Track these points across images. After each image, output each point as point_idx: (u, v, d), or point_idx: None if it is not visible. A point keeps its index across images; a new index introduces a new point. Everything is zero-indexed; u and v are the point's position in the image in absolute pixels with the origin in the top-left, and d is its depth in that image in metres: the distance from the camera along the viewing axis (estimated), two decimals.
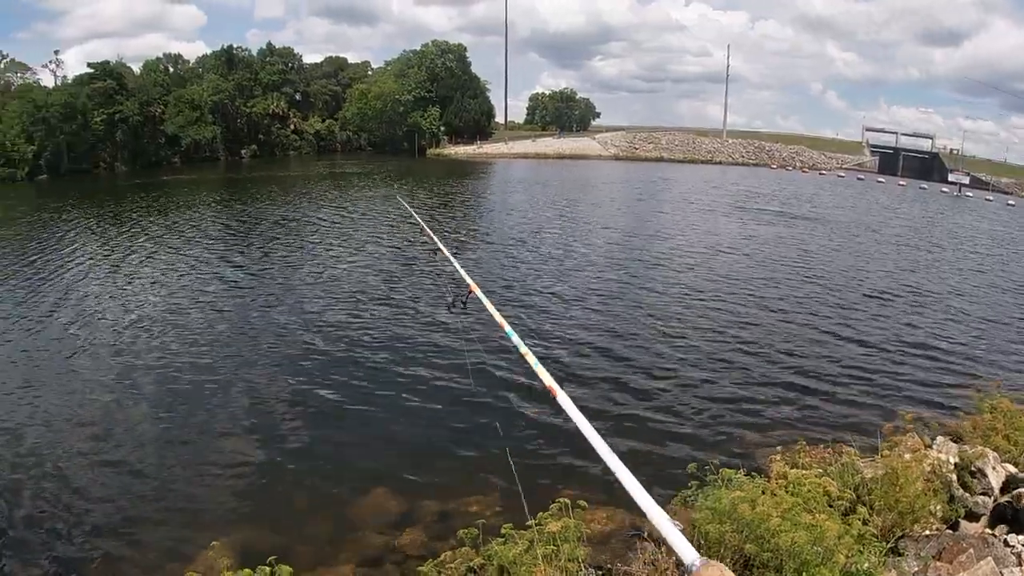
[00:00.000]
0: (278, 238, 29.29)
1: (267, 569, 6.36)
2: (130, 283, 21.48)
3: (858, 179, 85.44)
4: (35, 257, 25.25)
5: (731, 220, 36.81)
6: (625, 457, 8.39)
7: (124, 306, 18.91)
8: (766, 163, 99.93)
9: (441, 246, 6.74)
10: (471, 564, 6.45)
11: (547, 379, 2.77)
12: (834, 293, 21.13)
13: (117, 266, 23.64)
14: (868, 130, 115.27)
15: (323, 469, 10.45)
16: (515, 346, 3.39)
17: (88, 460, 10.76)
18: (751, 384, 13.54)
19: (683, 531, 1.64)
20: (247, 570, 6.27)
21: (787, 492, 6.12)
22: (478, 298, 4.75)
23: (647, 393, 12.95)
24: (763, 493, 6.07)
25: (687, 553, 1.52)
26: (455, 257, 6.34)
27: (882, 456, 7.65)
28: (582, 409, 2.84)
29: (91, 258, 24.88)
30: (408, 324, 17.01)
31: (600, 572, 6.58)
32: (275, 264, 24.11)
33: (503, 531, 6.33)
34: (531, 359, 3.08)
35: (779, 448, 9.31)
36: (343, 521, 9.02)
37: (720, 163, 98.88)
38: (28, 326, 17.33)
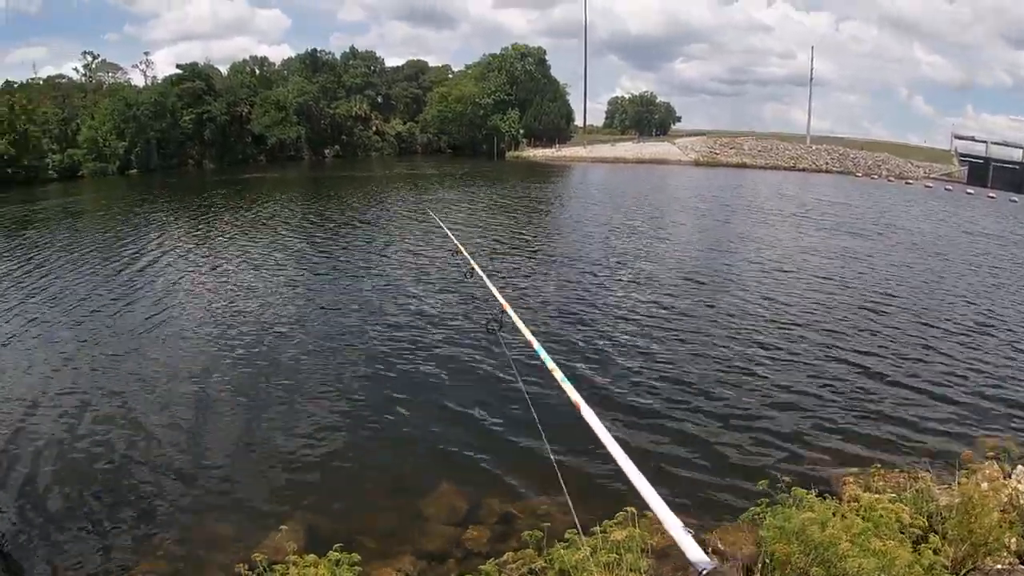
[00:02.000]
0: (356, 237, 29.89)
1: (335, 555, 6.53)
2: (207, 273, 22.45)
3: (946, 190, 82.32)
4: (121, 246, 26.45)
5: (813, 236, 35.88)
6: (691, 469, 9.61)
7: (201, 297, 19.72)
8: (851, 171, 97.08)
9: (475, 265, 6.91)
10: (532, 566, 6.50)
11: (573, 394, 2.85)
12: (921, 315, 20.32)
13: (196, 256, 24.62)
14: (957, 138, 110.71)
15: (393, 462, 10.66)
16: (543, 361, 3.52)
17: (160, 442, 11.21)
18: (827, 403, 13.20)
19: (694, 536, 1.70)
20: (312, 555, 6.56)
21: (858, 516, 6.03)
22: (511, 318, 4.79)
23: (721, 407, 12.79)
24: (834, 515, 5.97)
25: (698, 557, 1.61)
26: (488, 275, 6.50)
27: (959, 484, 7.41)
28: (649, 422, 2.77)
29: (172, 248, 25.98)
30: (472, 332, 16.95)
31: None
32: (349, 265, 24.54)
33: (567, 536, 6.35)
34: (558, 374, 3.22)
35: (853, 470, 9.35)
36: (409, 514, 9.13)
37: (804, 170, 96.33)
38: (111, 310, 18.35)
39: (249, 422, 11.88)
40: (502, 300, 4.58)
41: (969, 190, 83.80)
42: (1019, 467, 9.09)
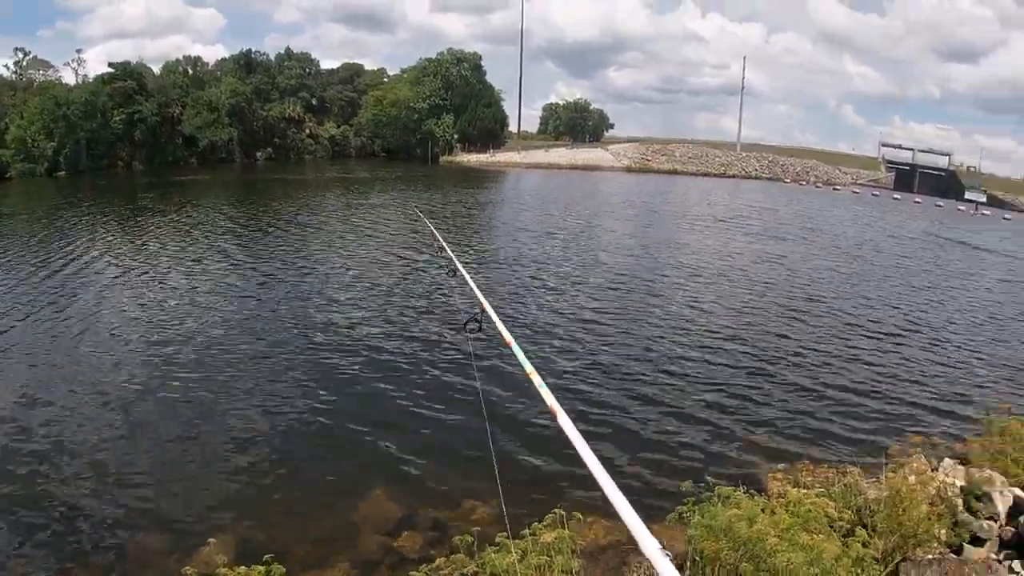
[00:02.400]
0: (288, 241, 29.49)
1: (262, 568, 6.47)
2: (138, 281, 21.68)
3: (873, 195, 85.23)
4: (46, 251, 25.44)
5: (740, 240, 36.79)
6: (621, 472, 9.25)
7: (131, 303, 19.16)
8: (779, 177, 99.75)
9: (459, 265, 6.74)
10: (464, 571, 6.44)
11: (549, 399, 2.84)
12: (846, 314, 21.14)
13: (126, 263, 23.50)
14: (884, 146, 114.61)
15: (324, 470, 10.50)
16: (520, 365, 3.41)
17: (85, 455, 10.82)
18: (754, 402, 13.48)
19: (673, 560, 1.69)
20: (242, 567, 6.48)
21: (786, 511, 6.06)
22: (491, 318, 4.61)
23: (647, 408, 12.90)
24: (762, 511, 6.03)
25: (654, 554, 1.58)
26: (467, 273, 6.25)
27: (886, 478, 7.53)
28: (582, 425, 3.01)
29: (101, 254, 24.84)
30: (416, 333, 17.06)
31: None
32: (283, 268, 24.19)
33: (497, 540, 6.30)
34: (536, 379, 3.10)
35: (781, 467, 9.45)
36: (341, 522, 9.04)
37: (734, 176, 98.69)
38: (35, 319, 17.59)
39: (177, 433, 11.52)
40: (482, 298, 4.48)
41: (896, 195, 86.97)
42: (946, 460, 9.43)
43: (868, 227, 46.45)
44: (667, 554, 1.69)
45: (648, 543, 1.73)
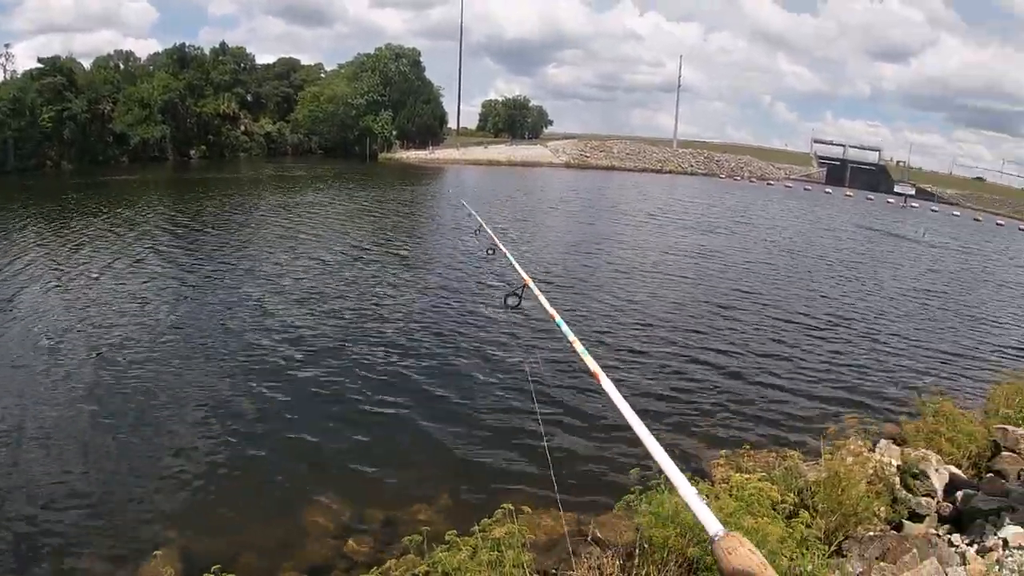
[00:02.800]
0: (223, 241, 28.80)
1: None
2: (70, 285, 20.84)
3: (805, 189, 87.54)
4: None
5: (675, 235, 37.28)
6: (564, 466, 9.24)
7: (61, 309, 18.47)
8: (715, 173, 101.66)
9: (499, 243, 6.80)
10: (415, 571, 6.35)
11: (592, 364, 3.07)
12: (780, 304, 21.69)
13: (57, 267, 22.83)
14: (816, 142, 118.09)
15: (269, 476, 10.27)
16: (564, 334, 3.72)
17: (23, 468, 10.40)
18: (693, 391, 13.77)
19: (708, 504, 1.75)
20: None
21: (730, 496, 6.14)
22: (532, 292, 4.76)
23: (589, 399, 12.83)
24: (706, 497, 5.90)
25: (711, 525, 1.63)
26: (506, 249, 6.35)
27: (825, 460, 7.75)
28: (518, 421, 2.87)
29: (32, 259, 24.53)
30: (353, 330, 16.99)
31: None
32: (218, 269, 23.60)
33: (447, 538, 6.28)
34: (578, 346, 3.45)
35: (723, 453, 9.47)
36: (289, 528, 8.88)
37: (670, 172, 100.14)
38: None
39: (113, 444, 11.11)
40: (523, 273, 4.65)
41: (828, 190, 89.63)
42: (882, 441, 9.78)
43: (800, 220, 47.69)
44: (704, 499, 1.77)
45: (686, 489, 1.89)
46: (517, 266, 4.85)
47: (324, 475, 10.24)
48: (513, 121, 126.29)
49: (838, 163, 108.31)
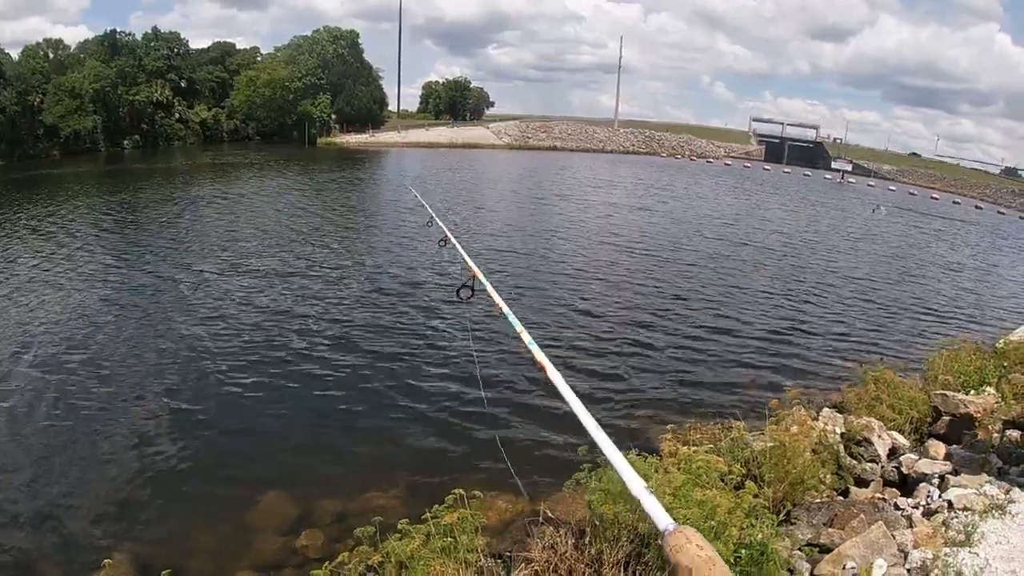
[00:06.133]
0: (157, 236, 28.17)
1: None
2: (11, 285, 20.40)
3: (745, 167, 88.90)
4: None
5: (618, 214, 37.55)
6: (511, 447, 9.14)
7: (4, 311, 17.86)
8: (656, 151, 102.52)
9: (450, 235, 6.79)
10: (369, 563, 6.34)
11: (539, 355, 3.09)
12: (721, 275, 22.10)
13: None
14: (755, 120, 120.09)
15: (213, 476, 10.11)
16: (512, 324, 3.60)
17: None
18: (637, 367, 13.91)
19: (655, 496, 1.78)
20: None
21: (679, 470, 6.14)
22: (482, 283, 4.73)
23: (538, 386, 12.76)
24: (655, 472, 6.08)
25: (661, 519, 1.63)
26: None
27: (770, 430, 7.76)
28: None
29: None
30: (297, 324, 16.84)
31: (500, 560, 6.51)
32: (151, 265, 23.04)
33: (400, 526, 6.26)
34: (525, 336, 3.36)
35: (670, 427, 9.29)
36: (237, 528, 8.77)
37: (612, 151, 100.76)
38: None
39: (60, 449, 10.83)
40: (474, 267, 4.63)
41: (766, 166, 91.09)
42: (825, 410, 9.85)
43: (738, 197, 48.12)
44: (650, 491, 1.78)
45: (635, 483, 1.81)
46: (467, 258, 4.88)
47: (271, 472, 10.08)
48: (454, 103, 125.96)
49: (777, 141, 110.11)
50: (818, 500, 7.06)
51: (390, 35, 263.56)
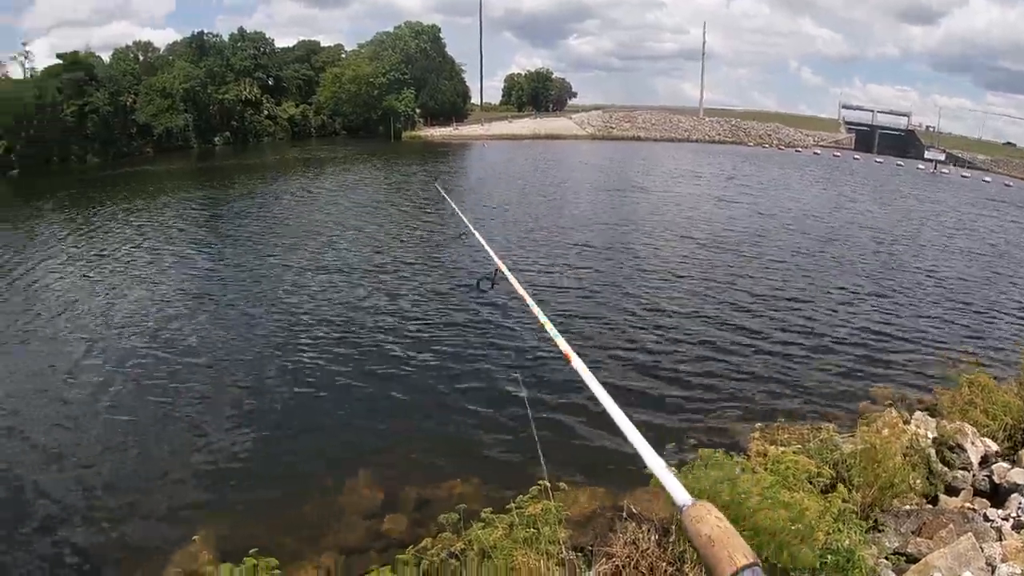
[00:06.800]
0: (253, 228, 28.93)
1: (251, 561, 6.37)
2: (106, 277, 21.01)
3: (834, 156, 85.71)
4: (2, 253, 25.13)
5: (708, 205, 36.66)
6: (607, 438, 9.44)
7: (99, 301, 18.68)
8: (742, 141, 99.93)
9: (472, 228, 6.79)
10: (452, 549, 6.47)
11: (563, 345, 3.01)
12: (808, 271, 21.26)
13: (90, 261, 23.38)
14: (844, 107, 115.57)
15: (305, 458, 10.48)
16: (536, 315, 3.67)
17: (63, 457, 10.75)
18: (723, 365, 13.56)
19: (677, 475, 1.73)
20: (227, 564, 6.35)
21: (767, 470, 6.12)
22: (505, 277, 4.73)
23: (624, 373, 12.94)
24: (742, 471, 6.07)
25: (679, 495, 1.62)
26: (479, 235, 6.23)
27: (860, 432, 7.67)
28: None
29: (63, 254, 24.61)
30: (385, 309, 17.04)
31: (581, 554, 6.56)
32: (250, 254, 23.84)
33: (483, 515, 6.35)
34: (549, 327, 3.39)
35: (758, 426, 9.47)
36: (324, 510, 9.03)
37: (697, 141, 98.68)
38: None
39: (156, 430, 11.45)
40: (497, 259, 4.59)
41: (856, 156, 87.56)
42: (917, 413, 9.57)
43: (826, 189, 46.23)
44: (672, 470, 1.73)
45: (654, 462, 1.81)
46: (490, 251, 4.82)
47: (356, 458, 10.27)
48: (537, 94, 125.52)
49: (867, 129, 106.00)
50: (907, 507, 6.87)
51: (470, 29, 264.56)
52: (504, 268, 4.65)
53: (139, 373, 13.66)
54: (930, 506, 7.09)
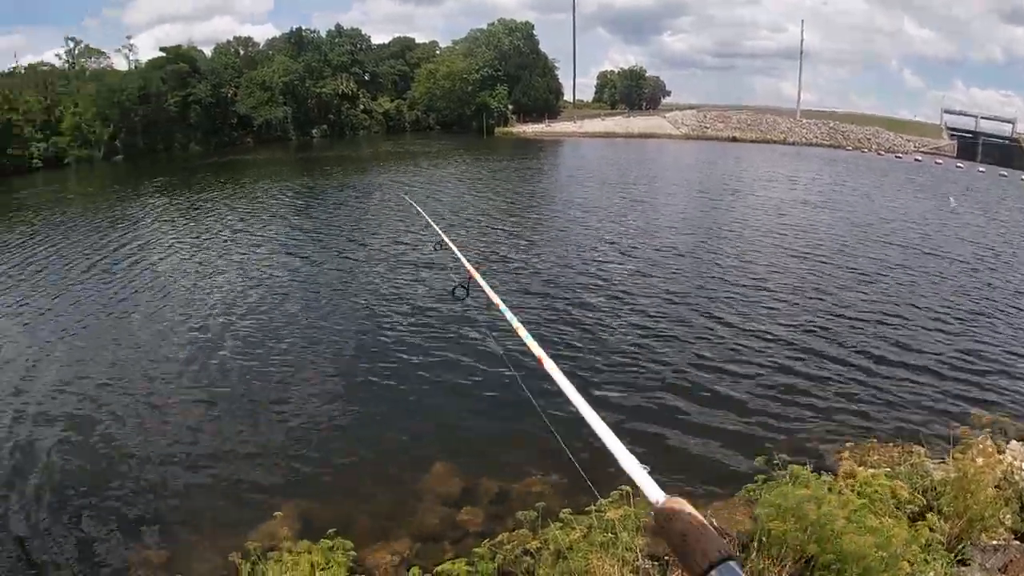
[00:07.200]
0: (347, 217, 29.59)
1: (328, 542, 6.59)
2: (197, 260, 22.07)
3: (936, 163, 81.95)
4: (109, 233, 25.99)
5: (797, 211, 35.39)
6: (683, 452, 9.62)
7: (191, 282, 19.51)
8: (840, 144, 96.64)
9: (444, 237, 6.66)
10: (528, 547, 6.45)
11: (536, 349, 2.87)
12: (905, 285, 20.29)
13: (186, 243, 24.26)
14: (947, 112, 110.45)
15: (387, 443, 10.59)
16: (508, 320, 3.48)
17: (153, 427, 11.13)
18: (819, 377, 13.12)
19: (650, 473, 1.75)
20: (306, 541, 6.65)
21: (854, 492, 6.01)
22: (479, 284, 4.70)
23: (714, 382, 12.67)
24: (829, 491, 5.92)
25: (653, 492, 1.62)
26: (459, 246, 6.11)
27: (953, 459, 7.40)
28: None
29: (161, 235, 25.60)
30: (463, 310, 16.64)
31: (657, 563, 6.42)
32: (344, 241, 24.36)
33: (562, 516, 6.42)
34: (522, 332, 3.22)
35: (848, 445, 9.30)
36: (402, 496, 9.12)
37: (793, 143, 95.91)
38: (101, 297, 18.28)
39: (242, 408, 11.80)
40: (469, 266, 4.62)
41: (959, 164, 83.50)
42: (1013, 443, 9.16)
43: (927, 198, 43.93)
44: (645, 467, 1.76)
45: (627, 461, 1.79)
46: (463, 259, 4.91)
47: (439, 447, 10.44)
48: (629, 92, 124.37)
49: (970, 136, 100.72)
50: (995, 542, 6.54)
51: (563, 25, 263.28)
52: (477, 275, 4.67)
53: (231, 351, 14.25)
54: (1017, 543, 6.75)
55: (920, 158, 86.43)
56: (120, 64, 78.84)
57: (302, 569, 6.18)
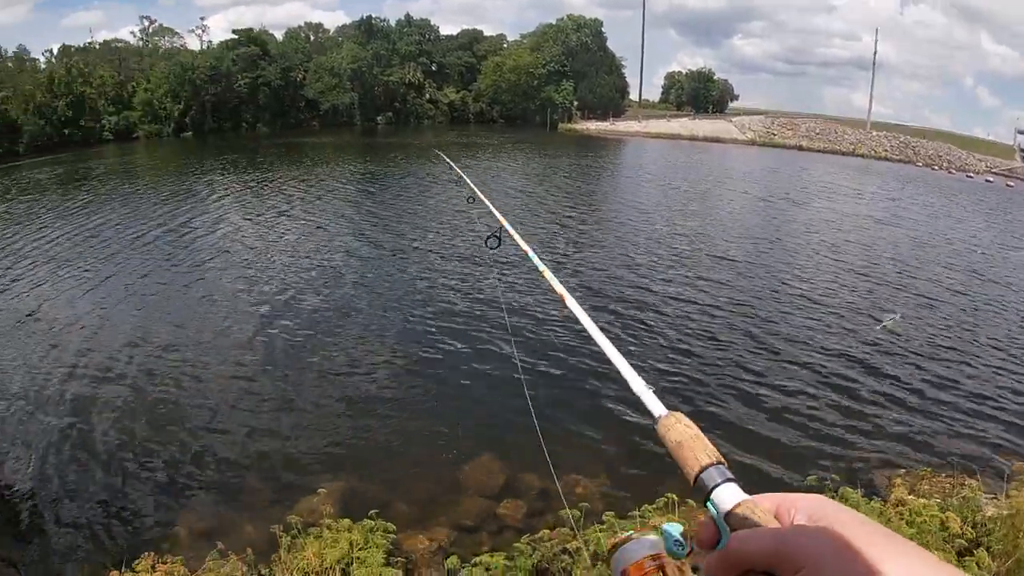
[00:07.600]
0: (407, 203, 29.74)
1: (370, 522, 6.69)
2: (263, 235, 22.39)
3: (1008, 185, 79.54)
4: (176, 206, 26.50)
5: (860, 229, 34.45)
6: (740, 461, 9.36)
7: (255, 257, 20.05)
8: (911, 160, 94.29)
9: (476, 191, 6.40)
10: (567, 546, 6.43)
11: (559, 288, 2.71)
12: (968, 313, 19.62)
13: (250, 220, 24.75)
14: (1020, 132, 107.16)
15: (434, 430, 10.69)
16: (535, 265, 3.34)
17: (204, 401, 11.45)
18: (876, 400, 12.83)
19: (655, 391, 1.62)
20: (347, 520, 6.74)
21: (903, 521, 5.92)
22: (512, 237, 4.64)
23: (770, 398, 12.49)
24: (879, 516, 5.89)
25: (655, 407, 1.53)
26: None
27: (1007, 496, 7.20)
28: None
29: (225, 211, 26.10)
30: (529, 303, 16.73)
31: (696, 574, 6.17)
32: (404, 226, 24.49)
33: (605, 518, 6.42)
34: (548, 274, 3.06)
35: (900, 471, 9.13)
36: (445, 484, 9.22)
37: (862, 156, 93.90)
38: (165, 269, 18.90)
39: (292, 386, 12.03)
40: (500, 216, 4.56)
41: None
42: None
43: (997, 221, 42.32)
44: (651, 387, 1.67)
45: (633, 380, 1.70)
46: (494, 210, 4.82)
47: (486, 436, 10.57)
48: (697, 94, 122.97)
49: None
50: None
51: (632, 23, 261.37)
52: (506, 224, 4.60)
53: (284, 329, 14.61)
54: None
55: (991, 179, 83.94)
56: (193, 44, 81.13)
57: (341, 547, 6.24)
